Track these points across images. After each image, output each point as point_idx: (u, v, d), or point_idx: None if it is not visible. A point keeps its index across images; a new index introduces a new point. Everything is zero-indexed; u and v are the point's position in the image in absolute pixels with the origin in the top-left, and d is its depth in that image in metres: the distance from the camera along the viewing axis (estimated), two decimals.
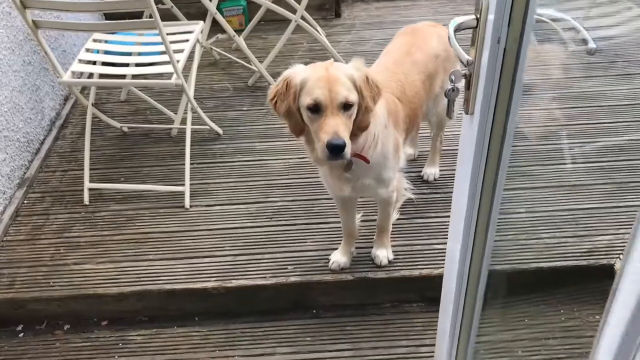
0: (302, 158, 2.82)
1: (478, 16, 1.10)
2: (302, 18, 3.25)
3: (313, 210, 2.54)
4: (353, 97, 1.59)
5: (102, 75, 2.57)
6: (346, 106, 1.59)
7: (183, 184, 2.59)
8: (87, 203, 2.62)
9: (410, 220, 2.44)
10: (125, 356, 2.18)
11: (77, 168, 2.84)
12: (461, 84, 1.19)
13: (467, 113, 1.23)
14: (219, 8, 3.51)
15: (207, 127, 2.95)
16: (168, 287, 2.24)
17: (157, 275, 2.29)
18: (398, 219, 2.37)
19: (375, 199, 2.09)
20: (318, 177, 2.66)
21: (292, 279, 2.24)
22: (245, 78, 3.52)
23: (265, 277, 2.25)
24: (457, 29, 1.12)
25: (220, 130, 3.01)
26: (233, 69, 3.65)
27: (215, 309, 2.27)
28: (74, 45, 3.36)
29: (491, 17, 1.06)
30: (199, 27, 2.69)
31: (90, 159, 2.68)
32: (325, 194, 2.53)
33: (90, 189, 2.65)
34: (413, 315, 2.26)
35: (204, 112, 2.90)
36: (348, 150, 1.58)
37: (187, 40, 2.60)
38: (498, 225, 1.47)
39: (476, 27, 1.11)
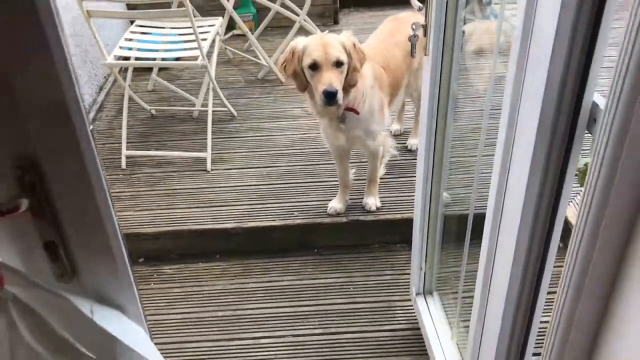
0: (304, 134, 3.33)
1: None
2: (305, 21, 3.79)
3: (313, 172, 3.03)
4: (343, 57, 2.11)
5: (137, 59, 3.08)
6: (338, 64, 2.11)
7: (205, 151, 3.09)
8: (124, 167, 3.12)
9: (396, 178, 2.93)
10: (159, 283, 2.65)
11: (114, 142, 3.34)
12: (420, 32, 1.70)
13: (425, 55, 1.74)
14: (232, 25, 4.11)
15: (225, 109, 3.46)
16: (195, 227, 2.72)
17: (186, 219, 2.77)
18: (385, 176, 2.86)
19: (365, 151, 2.59)
20: (317, 148, 3.17)
21: (297, 221, 2.73)
22: (255, 73, 4.04)
23: (274, 220, 2.74)
24: None
25: (235, 112, 3.52)
26: (244, 65, 4.18)
27: (233, 247, 2.75)
28: (109, 38, 3.89)
29: None
30: (219, 22, 3.23)
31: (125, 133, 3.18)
32: (323, 160, 3.03)
33: (127, 156, 3.14)
34: (397, 253, 2.73)
35: (219, 99, 3.42)
36: (340, 97, 2.10)
37: (209, 32, 3.12)
38: (450, 171, 1.96)
39: None
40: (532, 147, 1.04)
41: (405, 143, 3.16)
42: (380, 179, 2.84)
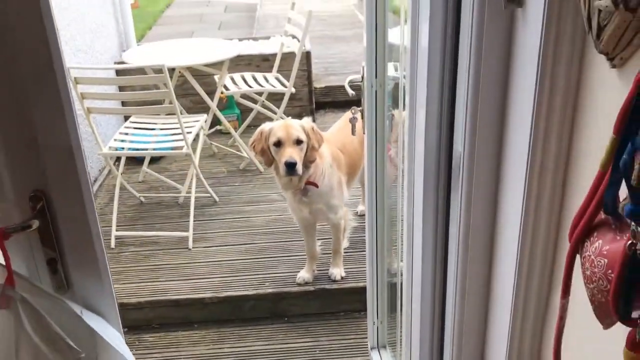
0: (279, 215, 3.67)
1: (362, 74, 2.02)
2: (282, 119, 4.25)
3: (285, 247, 3.33)
4: (302, 136, 2.51)
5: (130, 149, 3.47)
6: (298, 142, 2.51)
7: (188, 231, 3.40)
8: (113, 247, 3.41)
9: (359, 252, 3.23)
10: (140, 350, 2.86)
11: (105, 224, 3.63)
12: (359, 115, 2.09)
13: (363, 133, 2.12)
14: (216, 121, 4.60)
15: (208, 194, 3.81)
16: (174, 297, 2.98)
17: (167, 290, 3.03)
18: (349, 249, 3.17)
19: (329, 224, 2.92)
20: (289, 226, 3.48)
21: (269, 290, 2.99)
22: (237, 164, 4.44)
23: (247, 290, 3.00)
24: (351, 82, 2.04)
25: (217, 198, 3.87)
26: (228, 158, 4.59)
27: (210, 316, 2.98)
28: (105, 135, 4.31)
29: (367, 75, 1.98)
30: (203, 117, 3.66)
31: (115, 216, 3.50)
32: (294, 237, 3.34)
33: (116, 237, 3.44)
34: (360, 320, 2.96)
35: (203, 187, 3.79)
36: (299, 168, 2.47)
37: (194, 126, 3.54)
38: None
39: (362, 80, 2.03)
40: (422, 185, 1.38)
41: None
42: (345, 251, 3.14)
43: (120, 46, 4.92)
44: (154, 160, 4.39)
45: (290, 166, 2.50)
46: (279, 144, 2.56)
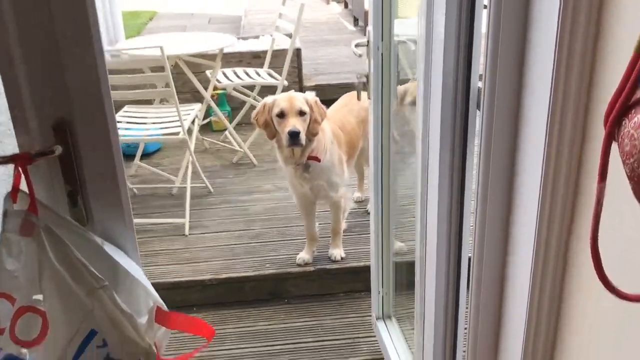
0: (277, 203, 3.66)
1: (368, 39, 2.05)
2: None
3: (284, 232, 3.33)
4: (305, 108, 2.53)
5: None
6: (301, 113, 2.52)
7: (183, 218, 3.38)
8: None
9: (358, 235, 3.24)
10: None
11: None
12: (364, 80, 2.12)
13: (369, 98, 2.14)
14: (209, 111, 4.61)
15: (202, 184, 3.80)
16: (173, 280, 2.95)
17: (165, 273, 3.00)
18: (348, 233, 3.18)
19: (329, 203, 2.92)
20: (288, 213, 3.48)
21: (269, 271, 2.98)
22: (230, 158, 4.43)
23: (247, 271, 2.98)
24: (357, 45, 2.07)
25: (211, 188, 3.86)
26: (220, 153, 4.58)
27: (209, 299, 2.96)
28: None
29: (373, 38, 2.00)
30: (198, 106, 3.67)
31: None
32: (293, 223, 3.34)
33: None
34: (361, 300, 2.96)
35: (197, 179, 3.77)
36: (303, 137, 2.49)
37: (189, 114, 3.54)
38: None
39: (367, 45, 2.05)
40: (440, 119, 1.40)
41: (365, 208, 3.50)
42: (344, 235, 3.14)
43: (109, 42, 4.91)
44: (146, 155, 4.37)
45: (294, 135, 2.51)
46: (282, 115, 2.57)
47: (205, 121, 4.67)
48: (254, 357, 2.60)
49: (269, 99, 2.65)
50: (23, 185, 1.18)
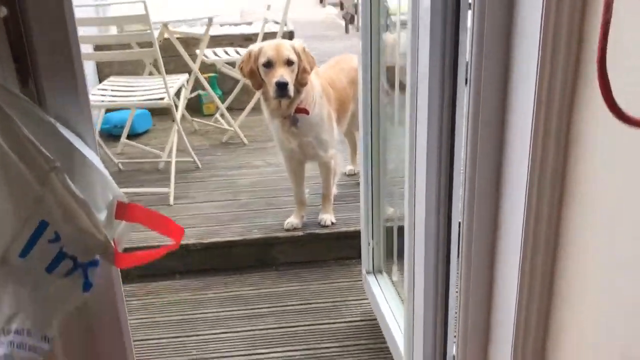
0: (265, 177, 3.54)
1: None
2: None
3: (272, 202, 3.20)
4: (293, 56, 2.41)
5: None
6: (289, 62, 2.40)
7: (169, 187, 3.25)
8: None
9: (350, 203, 3.11)
10: None
11: None
12: (352, 10, 2.01)
13: (357, 31, 2.03)
14: (199, 96, 4.54)
15: (190, 159, 3.67)
16: (154, 244, 2.80)
17: (146, 238, 2.86)
18: (339, 201, 3.05)
19: (318, 162, 2.79)
20: (276, 187, 3.35)
21: (256, 236, 2.84)
22: (220, 139, 4.32)
23: (233, 236, 2.85)
24: None
25: (199, 164, 3.73)
26: (209, 134, 4.47)
27: (194, 266, 2.82)
28: None
29: None
30: (185, 76, 3.56)
31: None
32: (282, 193, 3.22)
33: None
34: (352, 267, 2.82)
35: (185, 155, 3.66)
36: (291, 89, 2.36)
37: (176, 82, 3.43)
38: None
39: None
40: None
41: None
42: (335, 204, 3.01)
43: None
44: (134, 136, 4.26)
45: (282, 86, 2.38)
46: (269, 64, 2.44)
47: (194, 94, 4.56)
48: (239, 319, 2.45)
49: (254, 47, 2.53)
50: None
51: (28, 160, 1.08)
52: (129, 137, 4.10)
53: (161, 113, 4.30)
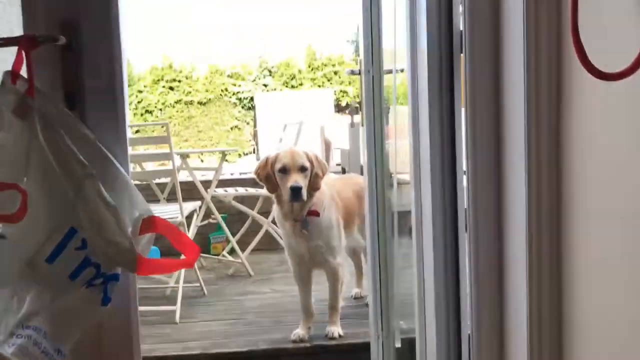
0: (271, 300, 3.53)
1: (360, 68, 2.19)
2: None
3: (280, 320, 3.15)
4: (307, 164, 2.61)
5: None
6: (303, 169, 2.59)
7: (175, 305, 3.23)
8: None
9: (357, 319, 3.06)
10: None
11: None
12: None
13: (362, 125, 2.22)
14: (208, 237, 4.70)
15: (197, 284, 3.69)
16: (161, 354, 2.73)
17: (152, 350, 2.79)
18: (346, 316, 3.02)
19: (326, 270, 2.82)
20: (283, 308, 3.33)
21: (262, 347, 2.77)
22: (225, 272, 4.36)
23: (240, 347, 2.78)
24: (351, 73, 2.21)
25: (205, 290, 3.73)
26: (216, 270, 4.51)
27: None
28: None
29: (364, 61, 2.15)
30: (197, 203, 3.73)
31: None
32: (288, 314, 3.19)
33: None
34: None
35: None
36: (304, 193, 2.51)
37: (187, 208, 3.58)
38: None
39: (359, 73, 2.19)
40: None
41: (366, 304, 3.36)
42: (342, 319, 2.97)
43: None
44: None
45: (296, 190, 2.55)
46: (284, 170, 2.63)
47: (204, 223, 4.66)
48: None
49: (271, 154, 2.74)
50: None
51: (66, 167, 1.18)
52: None
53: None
